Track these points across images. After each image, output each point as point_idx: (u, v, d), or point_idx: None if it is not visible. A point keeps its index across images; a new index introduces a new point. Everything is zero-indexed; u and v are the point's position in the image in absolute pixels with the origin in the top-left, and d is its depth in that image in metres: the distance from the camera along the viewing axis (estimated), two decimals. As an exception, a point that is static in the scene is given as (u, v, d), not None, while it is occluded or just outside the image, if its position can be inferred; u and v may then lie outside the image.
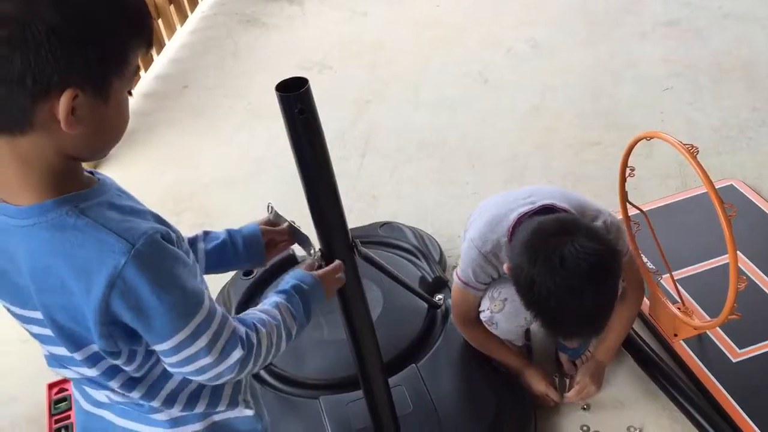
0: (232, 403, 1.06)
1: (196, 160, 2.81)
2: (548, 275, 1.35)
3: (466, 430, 1.57)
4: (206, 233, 1.21)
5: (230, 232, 1.22)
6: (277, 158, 2.73)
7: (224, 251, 1.20)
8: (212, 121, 3.03)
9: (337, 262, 1.22)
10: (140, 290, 0.85)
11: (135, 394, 0.99)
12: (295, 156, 1.14)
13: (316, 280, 1.14)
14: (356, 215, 2.42)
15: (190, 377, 0.97)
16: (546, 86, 2.90)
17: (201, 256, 1.18)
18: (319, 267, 1.21)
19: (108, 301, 0.85)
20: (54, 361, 0.99)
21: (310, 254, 1.22)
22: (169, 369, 0.95)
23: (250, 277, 2.04)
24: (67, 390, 1.90)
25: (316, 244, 1.26)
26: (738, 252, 1.50)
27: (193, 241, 1.19)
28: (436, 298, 1.89)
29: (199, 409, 1.04)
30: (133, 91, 0.93)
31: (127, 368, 0.96)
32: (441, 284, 1.94)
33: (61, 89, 0.80)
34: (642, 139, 1.64)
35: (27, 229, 0.85)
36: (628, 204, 1.81)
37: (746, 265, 1.96)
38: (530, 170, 2.49)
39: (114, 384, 0.97)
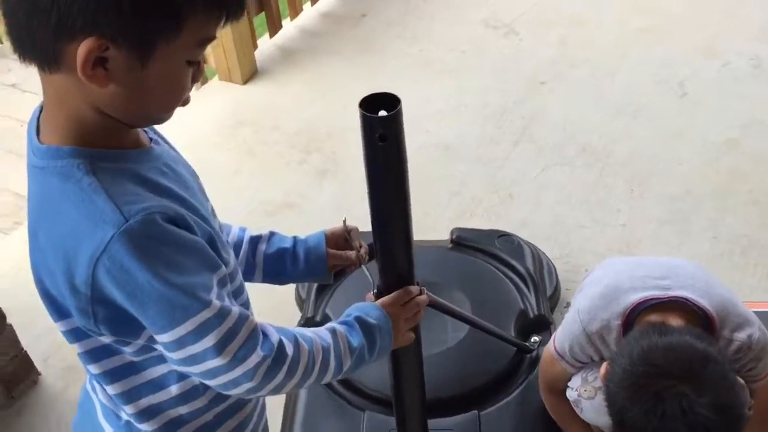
0: None
1: (346, 99, 2.67)
2: (642, 424, 1.09)
3: None
4: (272, 234, 1.10)
5: (295, 241, 1.10)
6: (427, 122, 2.53)
7: (283, 259, 1.08)
8: (379, 60, 2.86)
9: (405, 290, 1.02)
10: (130, 269, 0.75)
11: (111, 390, 0.88)
12: (368, 184, 0.95)
13: (383, 314, 0.98)
14: (484, 210, 2.20)
15: (203, 380, 0.85)
16: (755, 119, 2.45)
17: (260, 259, 1.07)
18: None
19: (94, 275, 0.76)
20: None
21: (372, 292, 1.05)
22: (176, 368, 0.84)
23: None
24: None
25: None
26: None
27: (255, 241, 1.08)
28: (531, 340, 1.66)
29: None
30: (203, 63, 0.82)
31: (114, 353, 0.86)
32: (543, 324, 1.71)
33: (86, 34, 0.71)
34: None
35: (40, 171, 0.79)
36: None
37: None
38: (697, 218, 2.12)
39: (93, 368, 0.88)
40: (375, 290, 1.04)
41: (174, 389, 0.88)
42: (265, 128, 2.57)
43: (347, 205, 2.26)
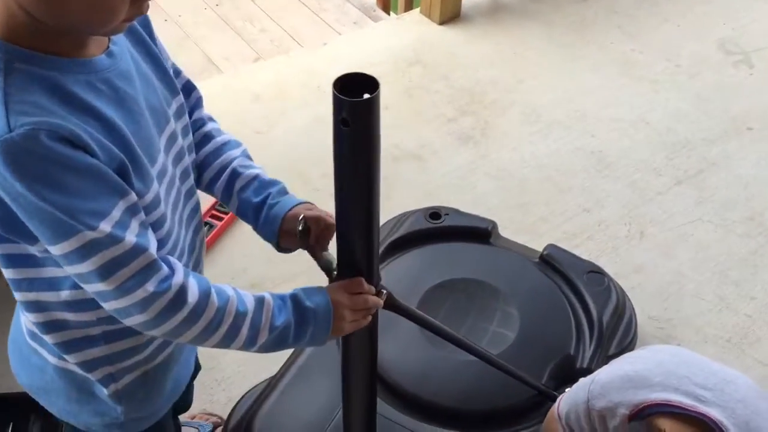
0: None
1: (528, 73, 2.52)
2: None
3: None
4: (254, 178, 1.02)
5: (264, 201, 1.01)
6: (596, 126, 2.33)
7: (246, 212, 1.03)
8: (584, 46, 2.65)
9: (370, 299, 0.95)
10: (8, 179, 0.73)
11: (6, 273, 0.87)
12: (334, 167, 0.88)
13: (326, 300, 0.91)
14: (605, 238, 2.01)
15: (98, 301, 0.83)
16: None
17: (234, 198, 1.03)
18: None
19: None
20: None
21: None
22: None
23: (437, 221, 1.83)
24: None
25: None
26: None
27: (233, 178, 1.02)
28: (564, 390, 1.51)
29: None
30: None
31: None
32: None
33: None
34: None
35: None
36: None
37: None
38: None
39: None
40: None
41: (64, 294, 0.86)
42: (434, 74, 2.50)
43: (472, 178, 2.17)
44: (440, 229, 1.81)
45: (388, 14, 3.07)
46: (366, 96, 0.78)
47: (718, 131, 2.33)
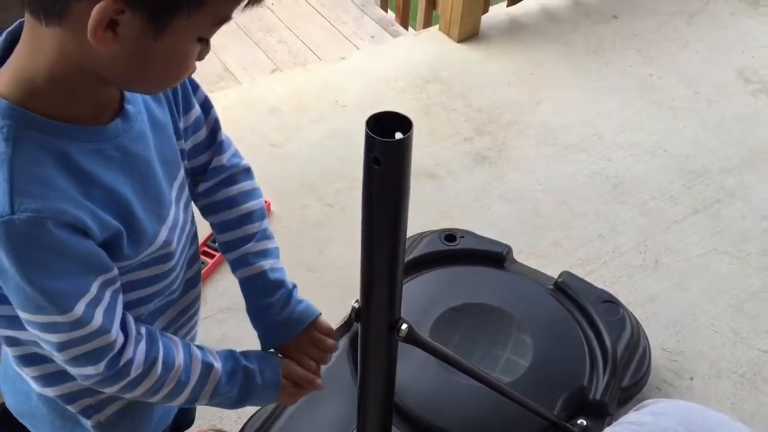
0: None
1: (546, 94, 2.51)
2: None
3: None
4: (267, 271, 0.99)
5: (291, 294, 1.00)
6: (613, 151, 2.31)
7: (259, 296, 1.00)
8: (603, 69, 2.63)
9: (317, 380, 1.00)
10: None
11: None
12: (362, 204, 0.87)
13: (277, 379, 0.95)
14: (619, 266, 1.99)
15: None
16: None
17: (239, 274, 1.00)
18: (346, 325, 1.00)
19: None
20: None
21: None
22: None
23: (452, 243, 1.82)
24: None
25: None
26: None
27: (246, 256, 0.99)
28: (578, 422, 1.50)
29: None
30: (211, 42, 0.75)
31: None
32: (598, 411, 1.53)
33: None
34: None
35: None
36: None
37: None
38: None
39: None
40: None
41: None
42: (452, 93, 2.49)
43: (486, 200, 2.15)
44: (455, 251, 1.80)
45: (407, 29, 3.07)
46: (399, 136, 0.77)
47: (735, 161, 2.31)
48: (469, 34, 2.71)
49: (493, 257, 1.79)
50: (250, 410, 1.52)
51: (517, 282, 1.75)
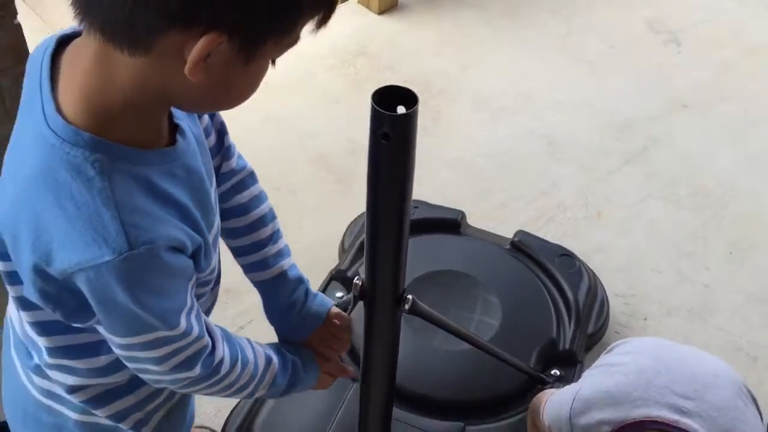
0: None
1: (471, 60, 2.54)
2: None
3: None
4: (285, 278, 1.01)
5: (308, 289, 1.03)
6: (544, 110, 2.38)
7: (284, 309, 1.02)
8: (522, 31, 2.69)
9: (350, 371, 1.07)
10: (113, 290, 0.70)
11: (42, 342, 0.83)
12: (367, 179, 0.87)
13: (316, 369, 1.01)
14: (565, 220, 2.06)
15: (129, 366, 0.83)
16: None
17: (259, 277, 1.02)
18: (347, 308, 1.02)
19: (72, 276, 0.70)
20: None
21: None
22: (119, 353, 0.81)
23: (408, 213, 1.83)
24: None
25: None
26: None
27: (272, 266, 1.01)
28: (551, 372, 1.55)
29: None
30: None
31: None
32: (569, 360, 1.59)
33: (206, 28, 0.63)
34: None
35: (46, 143, 0.68)
36: None
37: None
38: (791, 305, 1.90)
39: (25, 316, 0.81)
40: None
41: (102, 359, 0.84)
42: (381, 65, 2.49)
43: (430, 168, 2.18)
44: (412, 222, 1.80)
45: (324, 5, 3.02)
46: (401, 110, 0.77)
47: (656, 110, 2.42)
48: (389, 5, 2.71)
49: (449, 224, 1.82)
50: (229, 404, 1.50)
51: (475, 246, 1.79)
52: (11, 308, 0.91)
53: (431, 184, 2.14)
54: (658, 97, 2.47)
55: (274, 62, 0.73)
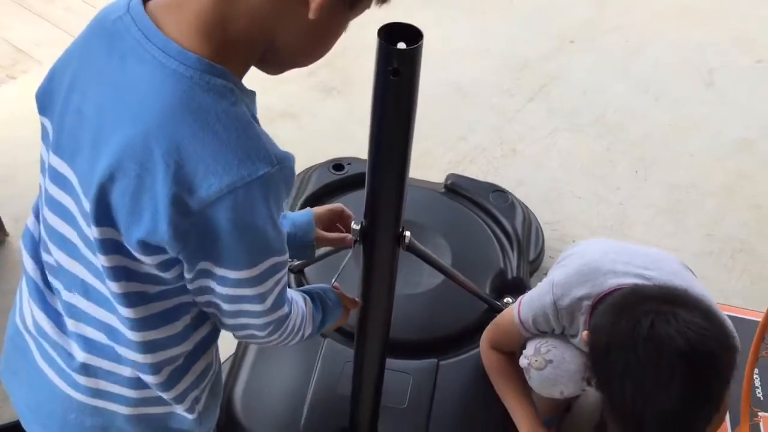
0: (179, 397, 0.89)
1: (368, 18, 2.56)
2: (629, 344, 1.04)
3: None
4: None
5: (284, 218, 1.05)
6: (446, 60, 2.44)
7: None
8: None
9: (356, 300, 1.10)
10: (255, 209, 0.71)
11: (124, 311, 0.79)
12: (371, 116, 0.89)
13: (338, 299, 1.03)
14: (484, 161, 2.15)
15: (222, 319, 0.82)
16: (774, 124, 2.39)
17: None
18: (355, 241, 1.04)
19: (216, 202, 0.69)
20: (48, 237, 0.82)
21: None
22: (218, 302, 0.79)
23: (341, 172, 1.86)
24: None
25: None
26: None
27: None
28: (504, 300, 1.64)
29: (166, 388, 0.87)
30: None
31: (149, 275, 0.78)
32: (519, 287, 1.68)
33: None
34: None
35: (176, 75, 0.69)
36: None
37: None
38: (695, 213, 2.08)
39: (113, 287, 0.77)
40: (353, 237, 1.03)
41: (179, 324, 0.83)
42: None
43: (348, 126, 2.20)
44: (347, 179, 1.84)
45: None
46: (401, 45, 0.80)
47: (547, 49, 2.55)
48: None
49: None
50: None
51: (413, 193, 1.83)
52: (36, 313, 0.86)
53: (353, 141, 2.16)
54: (548, 36, 2.60)
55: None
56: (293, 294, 0.92)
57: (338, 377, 1.44)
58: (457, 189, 1.85)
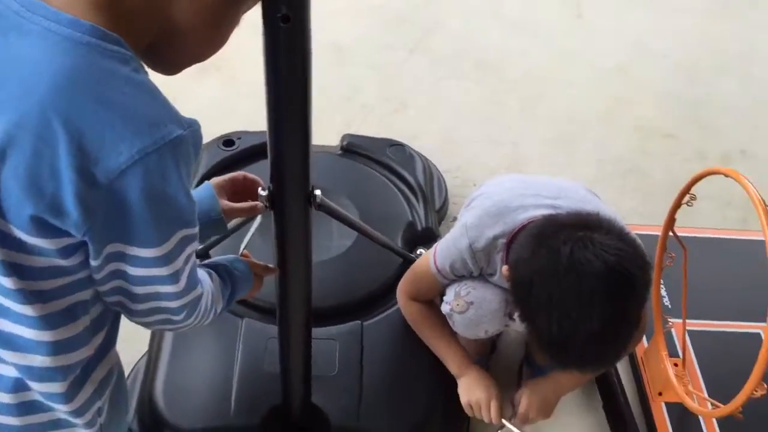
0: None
1: None
2: (552, 275, 1.07)
3: (385, 424, 1.35)
4: None
5: None
6: (321, 20, 2.38)
7: None
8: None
9: (273, 268, 1.06)
10: (166, 177, 0.68)
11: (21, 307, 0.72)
12: (265, 74, 0.84)
13: (247, 268, 1.00)
14: (375, 119, 2.12)
15: (131, 304, 0.77)
16: (644, 48, 2.48)
17: None
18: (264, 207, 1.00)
19: (126, 171, 0.65)
20: None
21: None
22: (129, 287, 0.75)
23: (232, 147, 1.78)
24: None
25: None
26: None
27: None
28: (417, 252, 1.63)
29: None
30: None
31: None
32: (429, 237, 1.68)
33: None
34: (715, 173, 1.31)
35: (74, 44, 0.65)
36: (670, 234, 1.50)
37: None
38: (583, 141, 2.15)
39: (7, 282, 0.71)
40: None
41: (80, 324, 0.76)
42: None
43: (230, 102, 2.12)
44: (239, 153, 1.77)
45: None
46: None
47: (420, 1, 2.54)
48: None
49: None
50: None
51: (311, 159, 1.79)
52: None
53: (236, 116, 2.08)
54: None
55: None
56: (199, 270, 0.87)
57: (263, 355, 1.39)
58: (354, 148, 1.81)
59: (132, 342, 1.28)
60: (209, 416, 1.31)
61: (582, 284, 1.04)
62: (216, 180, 1.06)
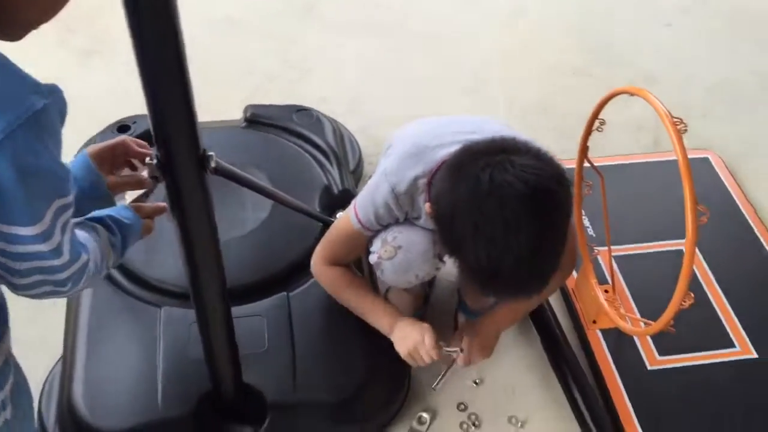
0: None
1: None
2: (473, 203, 1.04)
3: (323, 394, 1.30)
4: None
5: None
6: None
7: None
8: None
9: (161, 205, 1.03)
10: (36, 148, 0.67)
11: None
12: (131, 31, 0.78)
13: (132, 213, 0.98)
14: (279, 88, 2.05)
15: (22, 281, 0.76)
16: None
17: None
18: (154, 178, 0.92)
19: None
20: None
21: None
22: (10, 263, 0.73)
23: (127, 133, 1.69)
24: None
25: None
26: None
27: None
28: (337, 216, 1.58)
29: None
30: None
31: None
32: (347, 199, 1.61)
33: None
34: (623, 93, 1.31)
35: None
36: (585, 161, 1.49)
37: (696, 264, 1.70)
38: (494, 85, 2.13)
39: None
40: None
41: None
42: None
43: (121, 86, 2.00)
44: (138, 137, 1.67)
45: None
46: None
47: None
48: None
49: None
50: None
51: (212, 136, 1.70)
52: None
53: (130, 102, 1.93)
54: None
55: None
56: (81, 232, 0.84)
57: (186, 342, 1.32)
58: (259, 119, 1.74)
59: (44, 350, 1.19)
60: (136, 413, 1.24)
61: (505, 208, 1.02)
62: (93, 149, 0.97)
